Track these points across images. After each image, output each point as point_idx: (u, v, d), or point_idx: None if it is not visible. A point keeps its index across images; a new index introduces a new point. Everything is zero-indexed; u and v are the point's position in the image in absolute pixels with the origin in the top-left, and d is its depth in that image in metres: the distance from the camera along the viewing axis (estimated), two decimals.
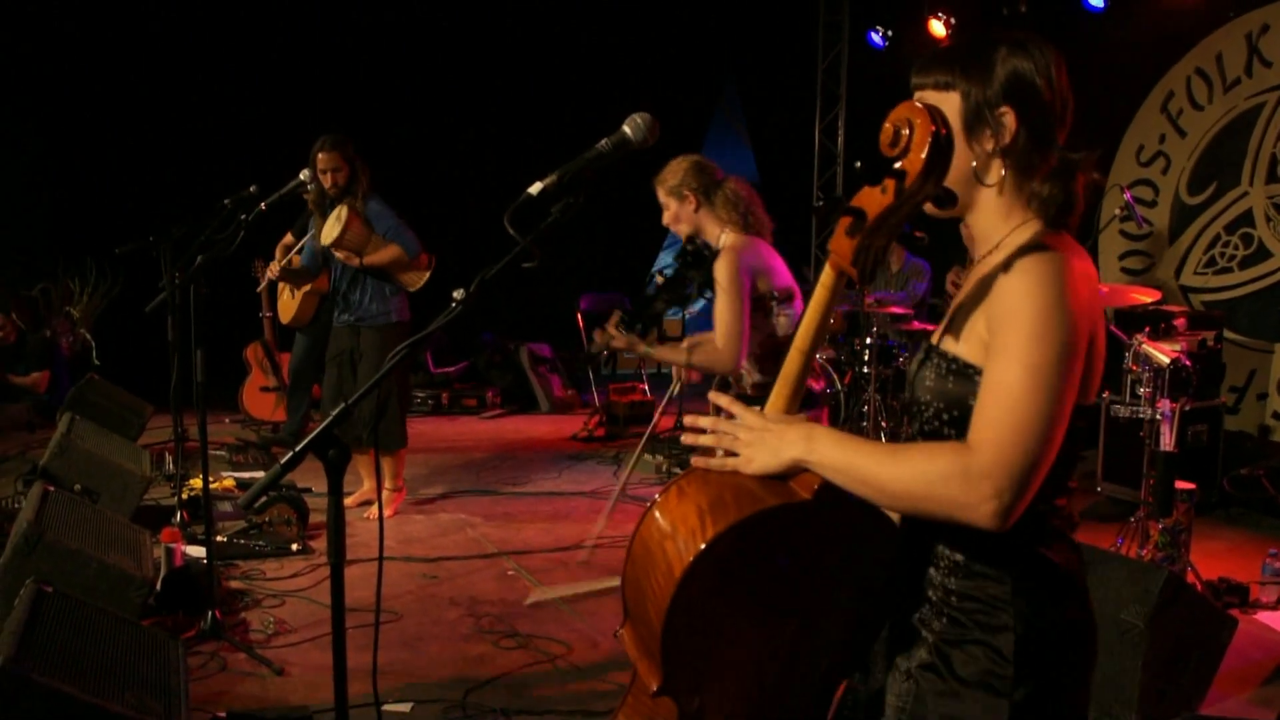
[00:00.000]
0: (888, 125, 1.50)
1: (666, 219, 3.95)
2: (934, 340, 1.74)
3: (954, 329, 1.67)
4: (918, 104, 1.50)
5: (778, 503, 1.57)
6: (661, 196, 3.92)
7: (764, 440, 1.62)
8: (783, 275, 3.87)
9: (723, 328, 3.65)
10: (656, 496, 1.69)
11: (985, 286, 1.59)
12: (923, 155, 1.47)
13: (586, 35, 10.29)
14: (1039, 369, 1.47)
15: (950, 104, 1.65)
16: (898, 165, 1.50)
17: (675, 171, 3.87)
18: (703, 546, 1.53)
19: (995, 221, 1.68)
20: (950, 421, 1.63)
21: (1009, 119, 1.62)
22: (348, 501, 5.90)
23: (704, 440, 1.69)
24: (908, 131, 1.48)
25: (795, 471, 1.61)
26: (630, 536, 1.70)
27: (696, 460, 1.69)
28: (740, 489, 1.61)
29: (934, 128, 1.47)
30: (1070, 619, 1.65)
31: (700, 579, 1.54)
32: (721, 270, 3.63)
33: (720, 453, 1.67)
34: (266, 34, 9.15)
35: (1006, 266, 1.55)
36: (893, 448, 1.57)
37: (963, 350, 1.62)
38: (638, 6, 10.34)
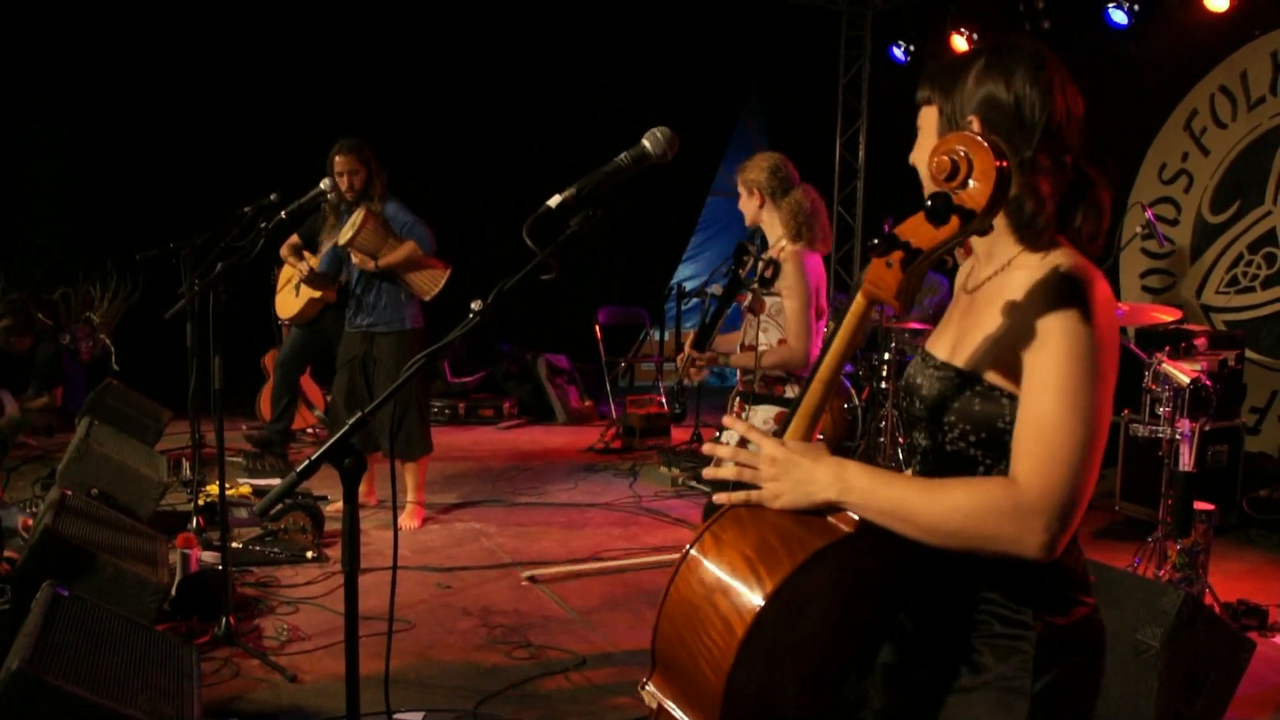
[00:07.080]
0: (943, 157, 1.46)
1: (740, 205, 4.23)
2: (937, 352, 1.74)
3: (965, 344, 1.67)
4: (974, 137, 1.47)
5: (825, 543, 1.53)
6: (739, 184, 4.19)
7: (790, 475, 1.58)
8: (823, 294, 4.10)
9: (793, 326, 3.92)
10: (690, 547, 1.61)
11: (1006, 310, 1.59)
12: (989, 190, 1.43)
13: (610, 47, 10.31)
14: (1079, 402, 1.49)
15: (930, 118, 1.71)
16: (958, 201, 1.46)
17: (753, 167, 4.14)
18: (763, 601, 1.49)
19: (998, 238, 1.68)
20: (978, 443, 1.63)
21: (975, 129, 1.62)
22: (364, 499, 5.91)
23: (722, 473, 1.65)
24: (966, 165, 1.45)
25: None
26: (663, 590, 1.62)
27: (719, 497, 1.64)
28: (784, 531, 1.56)
29: (997, 162, 1.43)
30: (1085, 615, 1.67)
31: (762, 632, 1.50)
32: (790, 272, 3.92)
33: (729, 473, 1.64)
34: (290, 43, 9.19)
35: (1033, 294, 1.56)
36: (929, 484, 1.56)
37: (989, 374, 1.62)
38: (662, 19, 10.37)
